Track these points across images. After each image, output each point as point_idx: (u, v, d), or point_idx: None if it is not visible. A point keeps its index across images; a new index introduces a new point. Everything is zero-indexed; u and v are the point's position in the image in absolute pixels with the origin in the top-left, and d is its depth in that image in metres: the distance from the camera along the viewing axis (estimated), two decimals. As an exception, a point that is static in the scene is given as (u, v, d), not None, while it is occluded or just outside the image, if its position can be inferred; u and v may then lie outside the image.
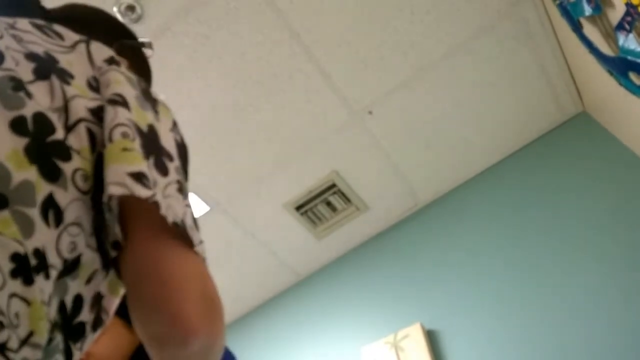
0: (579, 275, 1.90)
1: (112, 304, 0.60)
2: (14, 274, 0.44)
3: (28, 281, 0.45)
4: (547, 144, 2.40)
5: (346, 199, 2.49)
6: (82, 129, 0.55)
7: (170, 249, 0.55)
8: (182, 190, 0.60)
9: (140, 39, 0.87)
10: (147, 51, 0.88)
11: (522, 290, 2.00)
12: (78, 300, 0.53)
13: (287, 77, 2.02)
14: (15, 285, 0.44)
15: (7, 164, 0.46)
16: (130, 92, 0.60)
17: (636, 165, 1.98)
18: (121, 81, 0.61)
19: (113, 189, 0.51)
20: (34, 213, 0.47)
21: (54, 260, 0.48)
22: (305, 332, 2.58)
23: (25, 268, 0.45)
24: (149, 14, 1.73)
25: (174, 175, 0.59)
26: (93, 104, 0.57)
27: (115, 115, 0.56)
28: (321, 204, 2.49)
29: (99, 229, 0.55)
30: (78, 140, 0.54)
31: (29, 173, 0.48)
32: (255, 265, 2.68)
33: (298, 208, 2.49)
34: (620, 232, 1.89)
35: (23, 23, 0.61)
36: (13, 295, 0.43)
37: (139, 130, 0.58)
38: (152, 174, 0.55)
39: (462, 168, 2.51)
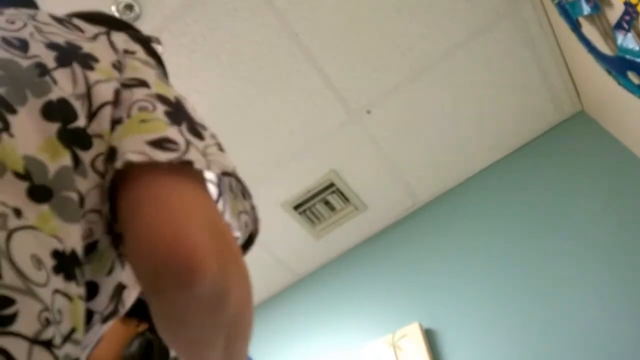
0: (578, 274, 1.90)
1: (132, 296, 0.59)
2: (57, 270, 0.44)
3: (69, 277, 0.45)
4: (545, 144, 2.40)
5: (345, 198, 2.49)
6: (105, 112, 0.54)
7: (185, 185, 0.50)
8: (224, 151, 0.57)
9: (147, 34, 0.87)
10: (156, 47, 0.88)
11: (521, 289, 2.00)
12: (91, 287, 0.52)
13: (286, 76, 2.01)
14: (58, 282, 0.44)
15: (41, 156, 0.46)
16: (149, 72, 0.60)
17: (635, 164, 1.98)
18: (138, 67, 0.61)
19: (131, 156, 0.48)
20: (75, 197, 0.47)
21: (79, 250, 0.48)
22: (303, 331, 2.58)
23: (66, 264, 0.45)
24: (147, 13, 1.73)
25: (210, 140, 0.56)
26: (118, 85, 0.57)
27: (132, 95, 0.55)
28: (319, 203, 2.49)
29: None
30: (100, 125, 0.53)
31: (65, 159, 0.48)
32: (253, 264, 2.67)
33: (296, 207, 2.49)
34: (619, 232, 1.89)
35: (43, 16, 0.61)
36: (56, 291, 0.43)
37: (164, 99, 0.56)
38: (186, 136, 0.53)
39: (460, 167, 2.51)
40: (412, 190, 2.55)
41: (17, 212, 0.43)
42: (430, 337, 2.12)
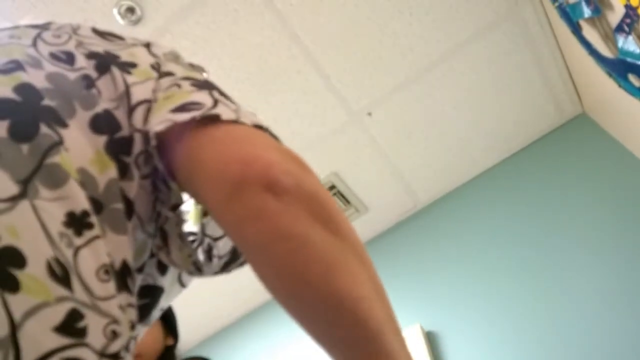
0: (579, 276, 1.90)
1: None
2: (115, 282, 0.46)
3: (123, 288, 0.47)
4: (546, 146, 2.40)
5: (345, 200, 2.49)
6: (141, 108, 0.54)
7: (233, 127, 0.50)
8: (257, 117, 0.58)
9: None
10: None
11: (522, 292, 2.00)
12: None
13: (286, 78, 2.01)
14: (118, 294, 0.45)
15: (92, 169, 0.48)
16: (177, 67, 0.61)
17: (636, 166, 1.98)
18: (172, 65, 0.62)
19: (156, 127, 0.50)
20: (122, 207, 0.49)
21: (130, 259, 0.50)
22: (304, 333, 2.57)
23: (120, 275, 0.47)
24: (149, 16, 1.73)
25: (243, 107, 0.57)
26: (156, 83, 0.58)
27: (159, 86, 0.56)
28: (320, 205, 2.49)
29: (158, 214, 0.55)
30: (137, 119, 0.54)
31: (112, 170, 0.49)
32: (250, 270, 2.67)
33: (297, 209, 2.48)
34: (620, 234, 1.88)
35: (85, 29, 0.63)
36: (119, 305, 0.45)
37: (192, 79, 0.57)
38: (215, 97, 0.53)
39: (461, 169, 2.51)
40: (413, 192, 2.55)
41: (86, 214, 0.44)
42: (431, 340, 2.12)
